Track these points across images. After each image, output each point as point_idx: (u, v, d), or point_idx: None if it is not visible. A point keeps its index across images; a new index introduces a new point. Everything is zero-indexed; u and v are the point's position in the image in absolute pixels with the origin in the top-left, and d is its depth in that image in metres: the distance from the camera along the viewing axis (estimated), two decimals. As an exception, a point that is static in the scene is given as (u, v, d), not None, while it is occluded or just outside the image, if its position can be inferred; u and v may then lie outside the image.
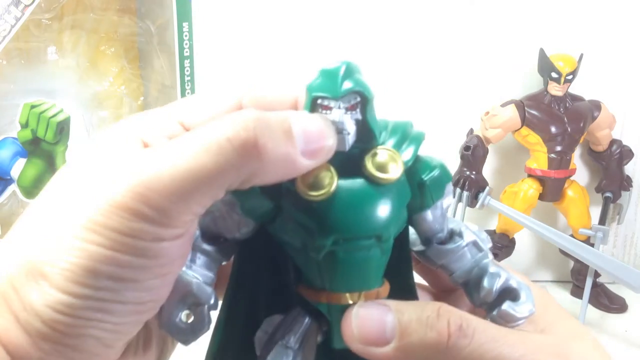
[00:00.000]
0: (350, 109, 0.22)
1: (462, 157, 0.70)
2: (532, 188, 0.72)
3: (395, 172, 0.22)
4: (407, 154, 0.23)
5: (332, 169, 0.21)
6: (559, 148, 0.69)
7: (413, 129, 0.24)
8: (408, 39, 0.72)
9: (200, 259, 0.23)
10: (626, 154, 0.74)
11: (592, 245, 0.66)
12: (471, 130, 0.73)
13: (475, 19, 0.72)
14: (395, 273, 0.25)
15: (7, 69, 0.51)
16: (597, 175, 0.77)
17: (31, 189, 0.53)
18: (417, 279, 0.29)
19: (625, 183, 0.75)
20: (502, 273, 0.24)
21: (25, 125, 0.52)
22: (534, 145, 0.71)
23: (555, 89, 0.69)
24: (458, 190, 0.69)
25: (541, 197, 0.72)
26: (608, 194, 0.74)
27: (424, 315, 0.21)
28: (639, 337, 0.67)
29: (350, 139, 0.22)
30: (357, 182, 0.22)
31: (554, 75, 0.69)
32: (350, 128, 0.21)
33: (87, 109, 0.59)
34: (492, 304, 0.24)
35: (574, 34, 0.72)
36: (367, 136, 0.22)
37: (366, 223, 0.22)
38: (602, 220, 0.73)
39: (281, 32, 0.71)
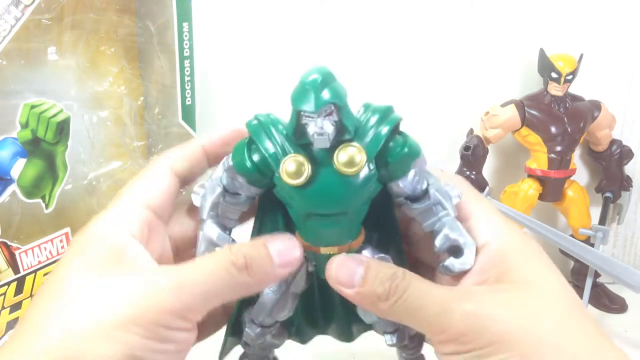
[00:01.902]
0: (328, 115, 0.27)
1: (462, 157, 0.70)
2: (532, 188, 0.72)
3: (358, 166, 0.27)
4: (382, 131, 0.28)
5: (307, 162, 0.27)
6: (559, 148, 0.69)
7: (392, 113, 0.29)
8: (408, 39, 0.72)
9: (225, 209, 0.31)
10: (626, 154, 0.74)
11: (592, 245, 0.66)
12: (471, 130, 0.73)
13: (475, 19, 0.72)
14: (380, 218, 0.32)
15: (7, 69, 0.51)
16: (597, 175, 0.77)
17: (31, 189, 0.53)
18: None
19: (625, 183, 0.75)
20: (451, 235, 0.30)
21: (25, 125, 0.52)
22: (534, 145, 0.71)
23: (555, 89, 0.69)
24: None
25: (541, 197, 0.72)
26: (608, 194, 0.74)
27: (383, 274, 0.28)
28: (639, 337, 0.67)
29: (330, 137, 0.27)
30: (329, 173, 0.28)
31: (554, 75, 0.69)
32: (329, 129, 0.26)
33: (87, 109, 0.59)
34: (443, 257, 0.31)
35: (574, 34, 0.72)
36: (343, 132, 0.28)
37: (334, 204, 0.28)
38: (602, 220, 0.73)
39: (281, 31, 0.71)
